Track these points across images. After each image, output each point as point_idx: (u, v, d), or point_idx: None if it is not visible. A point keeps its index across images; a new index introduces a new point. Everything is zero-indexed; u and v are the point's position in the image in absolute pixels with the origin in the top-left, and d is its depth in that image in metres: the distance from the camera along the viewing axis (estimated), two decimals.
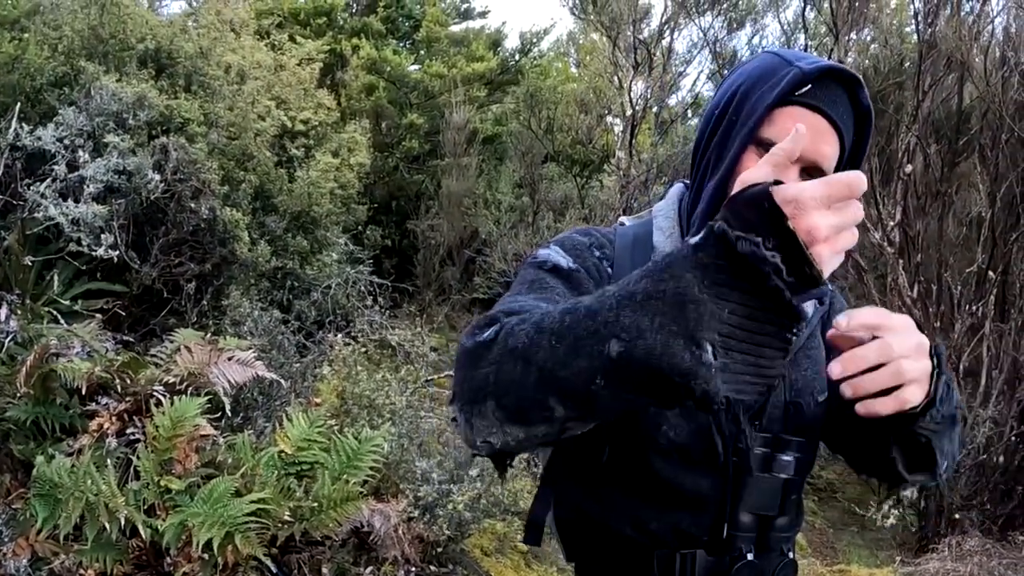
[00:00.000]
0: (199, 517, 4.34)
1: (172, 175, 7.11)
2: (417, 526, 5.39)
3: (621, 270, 1.73)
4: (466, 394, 1.37)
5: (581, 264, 1.71)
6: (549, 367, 1.25)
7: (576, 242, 1.78)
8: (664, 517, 1.71)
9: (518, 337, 1.31)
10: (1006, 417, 6.72)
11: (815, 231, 1.10)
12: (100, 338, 5.89)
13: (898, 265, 6.91)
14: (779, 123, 1.65)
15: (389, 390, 6.26)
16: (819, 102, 1.66)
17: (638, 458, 1.70)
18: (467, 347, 1.38)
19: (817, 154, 1.64)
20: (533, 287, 1.64)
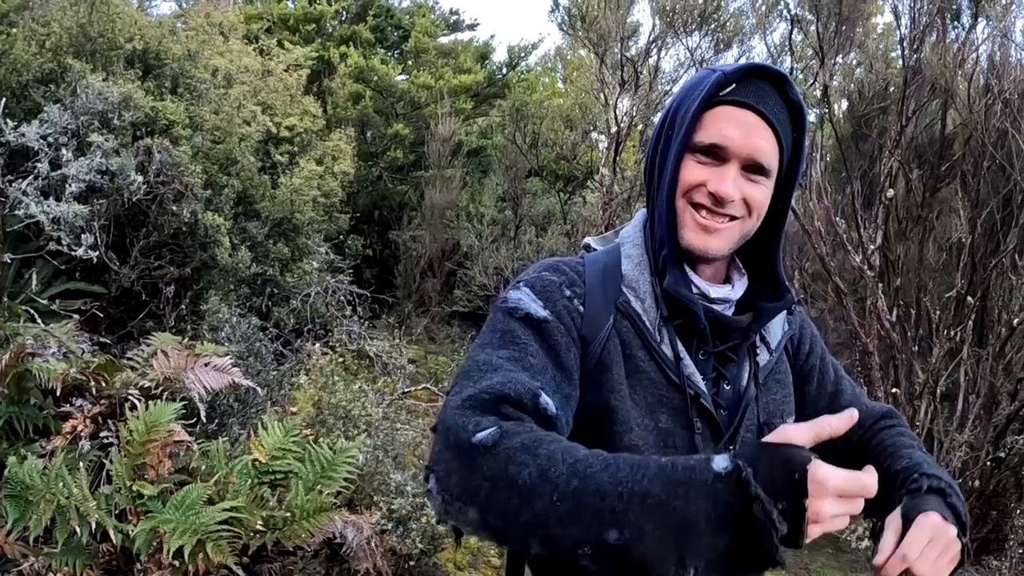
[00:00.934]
0: (171, 524, 4.30)
1: (155, 177, 7.06)
2: (390, 539, 5.35)
3: (593, 304, 1.76)
4: (452, 488, 1.40)
5: (552, 309, 1.70)
6: (544, 518, 1.31)
7: (546, 283, 1.76)
8: None
9: (519, 468, 1.33)
10: (982, 442, 6.74)
11: (822, 515, 1.21)
12: (77, 339, 5.84)
13: (878, 288, 6.94)
14: (708, 125, 1.72)
15: (365, 401, 6.25)
16: (744, 98, 1.72)
17: None
18: (460, 442, 1.40)
19: (752, 148, 1.71)
20: (505, 341, 1.64)
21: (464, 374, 1.58)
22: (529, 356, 1.61)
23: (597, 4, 10.90)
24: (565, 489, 1.29)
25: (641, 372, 1.74)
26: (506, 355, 1.60)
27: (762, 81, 1.74)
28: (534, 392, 1.51)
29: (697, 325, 1.77)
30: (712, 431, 1.76)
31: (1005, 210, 6.92)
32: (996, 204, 6.92)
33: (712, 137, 1.72)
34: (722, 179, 1.72)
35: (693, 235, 1.76)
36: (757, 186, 1.75)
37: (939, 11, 6.90)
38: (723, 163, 1.73)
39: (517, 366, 1.58)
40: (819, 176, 7.32)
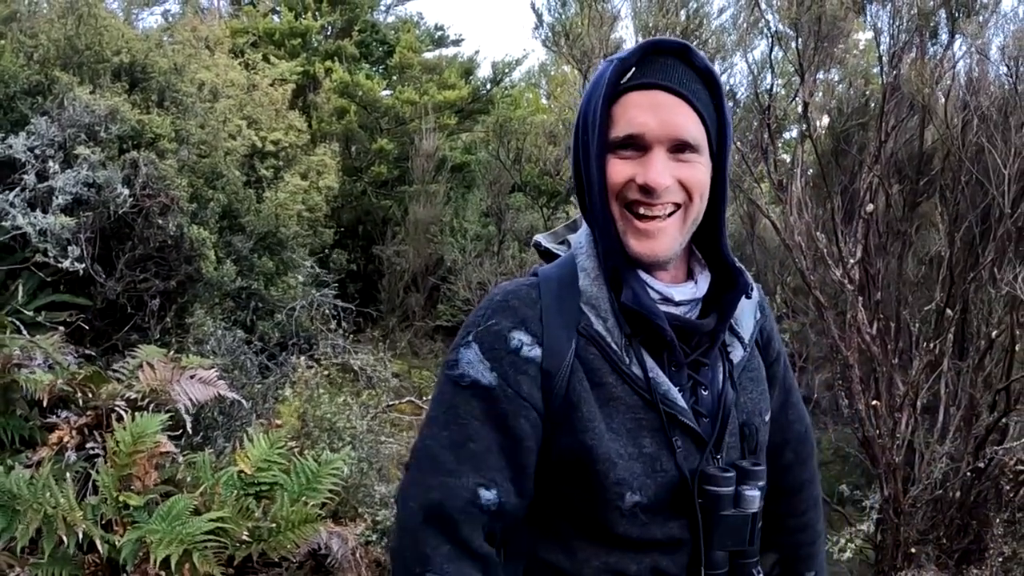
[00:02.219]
0: (157, 534, 4.32)
1: (141, 190, 7.09)
2: (375, 550, 5.40)
3: (552, 333, 1.69)
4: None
5: (499, 371, 1.65)
6: None
7: (494, 334, 1.68)
8: (642, 561, 1.71)
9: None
10: (962, 453, 6.79)
11: None
12: (63, 351, 5.86)
13: (858, 302, 6.99)
14: (619, 118, 1.65)
15: (350, 414, 6.28)
16: (649, 78, 1.64)
17: (604, 524, 1.69)
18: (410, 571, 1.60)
19: (670, 128, 1.63)
20: (449, 419, 1.66)
21: (415, 461, 1.69)
22: (470, 441, 1.63)
23: (581, 21, 10.96)
24: None
25: (616, 399, 1.68)
26: (447, 441, 1.64)
27: (663, 57, 1.66)
28: (472, 496, 1.60)
29: (664, 337, 1.70)
30: (695, 443, 1.72)
31: (984, 224, 7.00)
32: (975, 218, 7.00)
33: (625, 129, 1.64)
34: (649, 168, 1.63)
35: (636, 243, 1.69)
36: (690, 165, 1.66)
37: (917, 29, 6.98)
38: (646, 152, 1.64)
39: (458, 458, 1.62)
40: (800, 191, 7.37)
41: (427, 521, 1.59)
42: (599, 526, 1.69)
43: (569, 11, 11.43)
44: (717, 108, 1.71)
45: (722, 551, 1.72)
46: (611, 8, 10.96)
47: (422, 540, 1.59)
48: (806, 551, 2.09)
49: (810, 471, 2.13)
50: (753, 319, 1.91)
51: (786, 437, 2.06)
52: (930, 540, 6.97)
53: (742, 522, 1.71)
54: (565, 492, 1.71)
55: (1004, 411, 6.55)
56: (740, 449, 1.79)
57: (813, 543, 2.11)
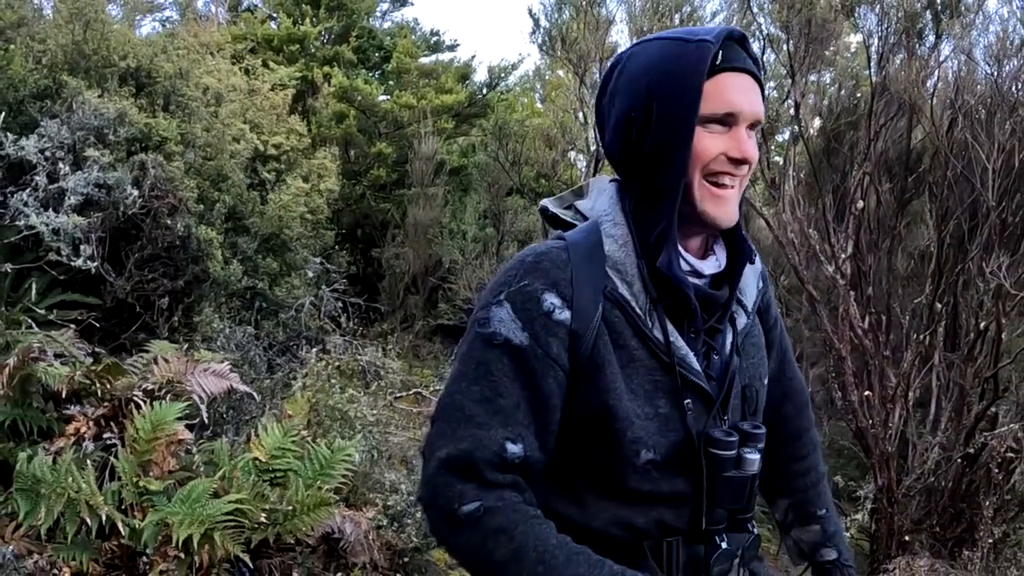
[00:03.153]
0: (178, 515, 4.44)
1: (149, 191, 7.22)
2: (386, 534, 5.52)
3: (582, 296, 1.74)
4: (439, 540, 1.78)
5: (530, 331, 1.71)
6: None
7: (527, 295, 1.74)
8: (648, 514, 1.81)
9: (495, 547, 1.64)
10: (954, 443, 6.92)
11: None
12: (78, 346, 6.00)
13: (850, 297, 7.11)
14: (713, 95, 1.72)
15: (359, 405, 6.41)
16: (737, 63, 1.75)
17: (617, 478, 1.79)
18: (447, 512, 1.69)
19: (754, 109, 1.76)
20: (479, 375, 1.73)
21: (443, 414, 1.76)
22: (500, 397, 1.71)
23: (576, 26, 11.10)
24: (532, 572, 1.60)
25: (636, 360, 1.77)
26: (478, 395, 1.71)
27: (735, 44, 1.77)
28: (500, 449, 1.68)
29: (688, 305, 1.79)
30: (704, 405, 1.81)
31: (972, 220, 7.13)
32: (962, 214, 7.13)
33: (723, 107, 1.73)
34: (740, 142, 1.75)
35: (715, 209, 1.78)
36: (753, 142, 1.79)
37: (905, 31, 7.12)
38: (731, 128, 1.75)
39: (488, 411, 1.70)
40: (792, 190, 7.50)
41: (454, 469, 1.68)
42: (612, 481, 1.78)
43: (565, 16, 11.56)
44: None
45: (722, 508, 1.85)
46: (606, 13, 11.11)
47: (451, 484, 1.68)
48: (813, 491, 2.25)
49: (807, 419, 2.31)
50: (756, 288, 2.03)
51: (785, 391, 2.24)
52: (924, 528, 7.09)
53: (742, 483, 1.83)
54: (582, 448, 1.79)
55: (992, 399, 6.69)
56: (741, 410, 1.91)
57: (819, 482, 2.27)
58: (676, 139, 1.73)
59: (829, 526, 2.22)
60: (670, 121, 1.73)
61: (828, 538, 2.20)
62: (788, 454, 2.25)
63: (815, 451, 2.30)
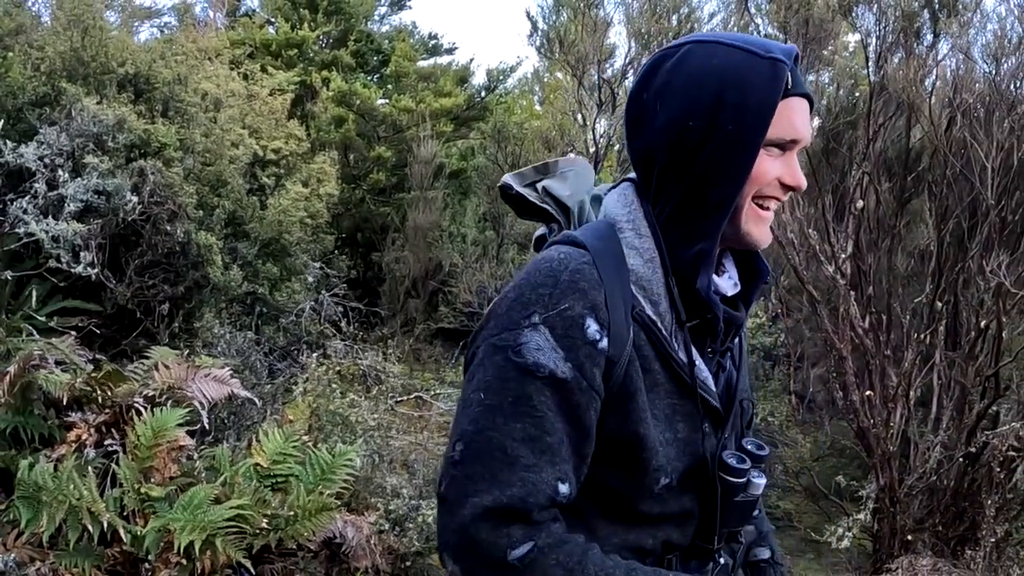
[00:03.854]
0: (180, 522, 4.45)
1: (149, 198, 7.23)
2: (388, 538, 5.53)
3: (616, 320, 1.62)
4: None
5: (574, 362, 1.57)
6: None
7: (568, 320, 1.58)
8: (657, 535, 1.77)
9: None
10: (955, 441, 6.90)
11: None
12: (77, 352, 6.00)
13: (850, 297, 7.10)
14: (782, 119, 1.64)
15: (360, 410, 6.41)
16: (802, 89, 1.67)
17: (631, 504, 1.73)
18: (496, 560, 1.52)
19: (808, 134, 1.69)
20: (519, 411, 1.56)
21: (476, 454, 1.56)
22: (546, 435, 1.56)
23: (574, 28, 11.11)
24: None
25: (658, 384, 1.69)
26: (521, 434, 1.55)
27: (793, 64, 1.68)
28: (553, 491, 1.54)
29: (714, 326, 1.74)
30: (714, 424, 1.78)
31: (971, 219, 7.12)
32: (962, 213, 7.13)
33: (790, 133, 1.66)
34: (793, 170, 1.69)
35: (758, 231, 1.73)
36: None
37: (903, 30, 7.12)
38: (786, 152, 1.69)
39: (534, 452, 1.55)
40: None
41: (501, 516, 1.52)
42: (625, 506, 1.72)
43: (563, 18, 11.57)
44: None
45: (727, 529, 1.85)
46: (604, 15, 11.11)
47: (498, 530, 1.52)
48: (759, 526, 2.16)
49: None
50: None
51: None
52: (926, 527, 7.07)
53: (749, 505, 1.82)
54: (601, 475, 1.68)
55: (994, 398, 6.68)
56: (739, 426, 1.88)
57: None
58: (740, 158, 1.64)
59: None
60: (739, 138, 1.63)
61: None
62: None
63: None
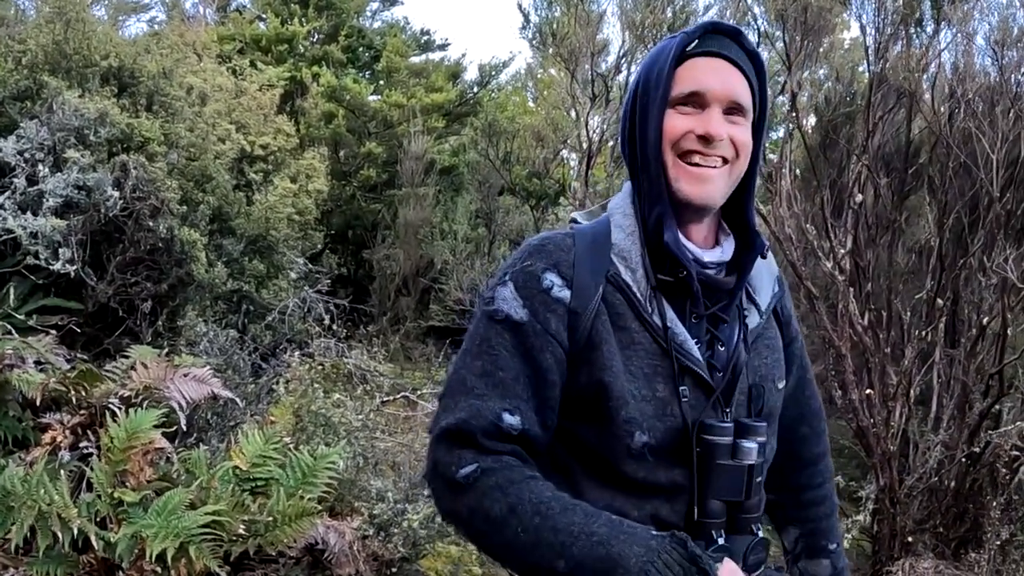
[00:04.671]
0: (153, 528, 4.30)
1: (131, 193, 7.08)
2: (372, 544, 5.37)
3: (582, 277, 1.81)
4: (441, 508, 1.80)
5: (530, 308, 1.79)
6: (511, 546, 1.66)
7: (528, 275, 1.82)
8: (643, 507, 1.79)
9: (493, 507, 1.67)
10: (957, 441, 6.80)
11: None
12: (56, 352, 5.85)
13: (849, 293, 7.00)
14: (684, 78, 1.81)
15: (344, 410, 6.26)
16: (710, 47, 1.82)
17: (612, 463, 1.79)
18: (446, 476, 1.72)
19: (728, 89, 1.81)
20: (481, 350, 1.80)
21: (448, 390, 1.82)
22: (500, 370, 1.77)
23: (567, 21, 11.00)
24: (528, 524, 1.63)
25: (636, 343, 1.80)
26: (479, 370, 1.78)
27: (720, 35, 1.85)
28: (496, 418, 1.73)
29: (689, 288, 1.82)
30: (705, 394, 1.83)
31: (972, 214, 7.02)
32: (963, 208, 7.02)
33: (690, 86, 1.80)
34: (708, 121, 1.79)
35: (688, 187, 1.82)
36: (739, 126, 1.83)
37: (903, 20, 7.00)
38: (704, 109, 1.81)
39: (487, 384, 1.76)
40: (789, 185, 7.38)
41: (452, 438, 1.73)
42: (607, 466, 1.79)
43: (555, 11, 11.47)
44: (760, 87, 1.89)
45: (717, 500, 1.79)
46: (597, 7, 11.00)
47: (450, 451, 1.73)
48: (826, 523, 2.23)
49: (824, 445, 2.27)
50: (771, 290, 2.04)
51: (803, 412, 2.21)
52: (927, 529, 6.98)
53: (738, 472, 1.78)
54: (578, 428, 1.82)
55: (997, 396, 6.57)
56: (747, 408, 1.90)
57: (831, 514, 2.25)
58: (649, 120, 1.84)
59: (839, 562, 2.22)
60: (644, 105, 1.86)
61: (837, 574, 2.21)
62: (802, 481, 2.24)
63: (830, 480, 2.27)
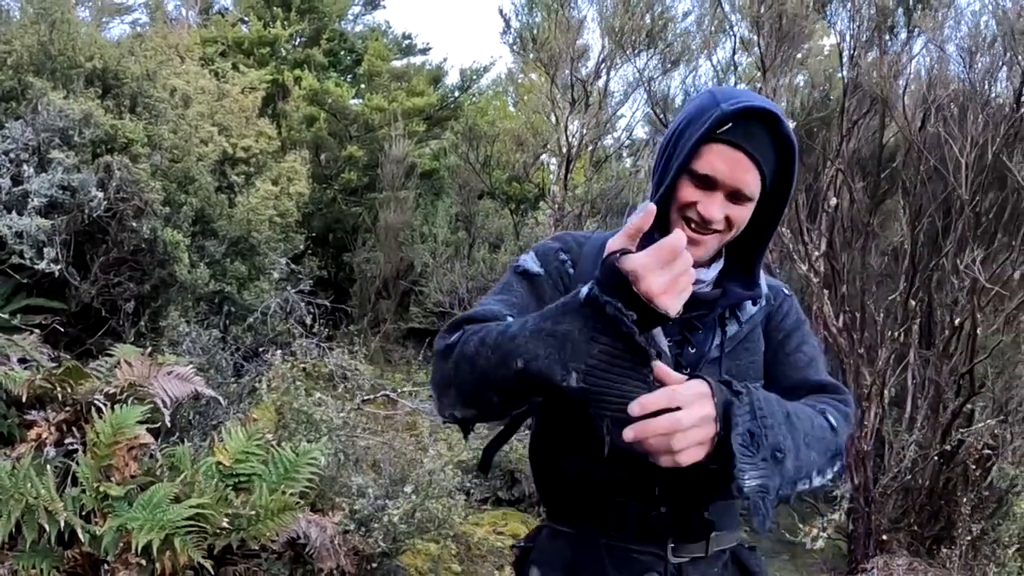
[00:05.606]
0: (138, 521, 4.34)
1: (115, 194, 7.11)
2: (353, 538, 5.42)
3: (583, 271, 2.12)
4: (436, 380, 1.93)
5: (545, 268, 2.14)
6: (485, 371, 1.77)
7: (548, 248, 2.20)
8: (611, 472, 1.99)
9: (469, 346, 1.82)
10: (930, 440, 6.91)
11: (652, 290, 1.56)
12: (40, 350, 5.88)
13: (824, 296, 7.10)
14: (705, 158, 1.97)
15: (326, 408, 6.31)
16: (737, 139, 1.95)
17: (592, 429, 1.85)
18: (439, 348, 1.91)
19: (737, 181, 1.97)
20: (502, 289, 2.12)
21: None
22: (513, 296, 2.07)
23: (548, 26, 11.07)
24: (494, 344, 1.76)
25: None
26: (497, 297, 2.08)
27: (754, 122, 1.96)
28: (497, 315, 1.95)
29: None
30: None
31: (945, 218, 7.13)
32: (936, 211, 7.13)
33: (706, 169, 1.96)
34: (710, 204, 1.98)
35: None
36: (739, 207, 2.01)
37: (877, 26, 7.11)
38: (712, 190, 1.98)
39: (500, 301, 2.05)
40: None
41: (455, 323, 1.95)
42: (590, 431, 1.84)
43: (536, 17, 11.53)
44: (787, 168, 2.04)
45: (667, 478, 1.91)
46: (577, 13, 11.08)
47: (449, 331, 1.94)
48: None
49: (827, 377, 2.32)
50: (757, 307, 2.24)
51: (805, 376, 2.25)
52: (901, 527, 7.07)
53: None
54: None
55: (968, 396, 6.67)
56: None
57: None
58: (666, 177, 2.03)
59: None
60: (670, 161, 2.05)
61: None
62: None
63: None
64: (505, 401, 1.80)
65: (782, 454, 1.77)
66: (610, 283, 1.60)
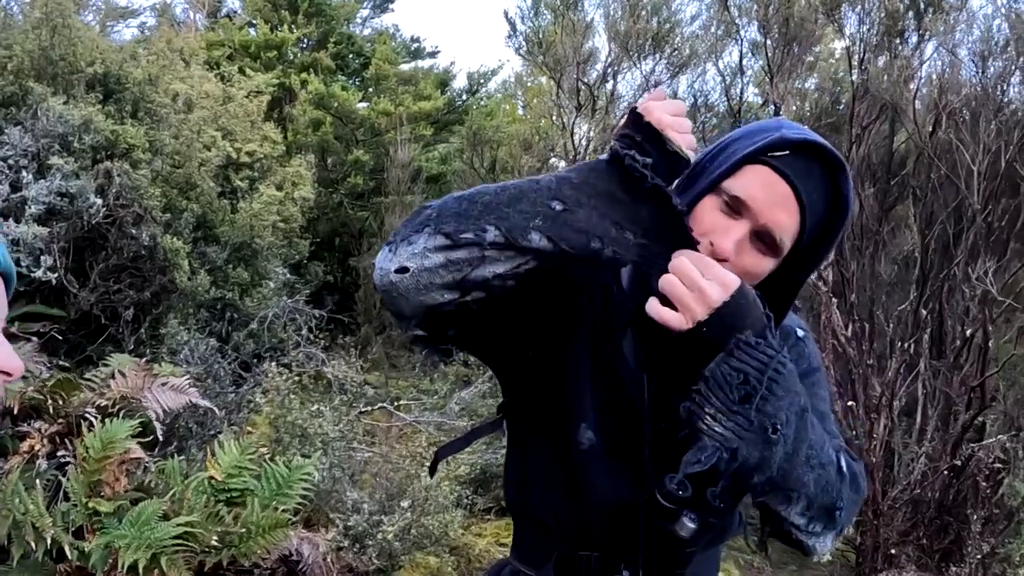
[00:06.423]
0: (125, 539, 4.29)
1: (114, 200, 7.05)
2: (347, 556, 5.35)
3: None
4: (401, 232, 1.59)
5: None
6: (494, 203, 1.54)
7: None
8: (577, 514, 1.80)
9: (460, 192, 1.60)
10: (940, 453, 6.82)
11: (661, 120, 1.58)
12: (35, 360, 5.82)
13: (832, 304, 7.01)
14: (743, 178, 1.67)
15: (322, 420, 6.23)
16: (788, 169, 1.65)
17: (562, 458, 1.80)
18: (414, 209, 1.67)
19: (771, 218, 1.66)
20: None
21: None
22: None
23: (554, 30, 11.01)
24: (501, 188, 1.58)
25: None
26: None
27: (814, 160, 1.68)
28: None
29: None
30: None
31: (957, 225, 7.04)
32: (947, 218, 7.04)
33: (739, 190, 1.67)
34: (726, 233, 1.67)
35: None
36: (761, 259, 1.71)
37: (887, 31, 7.02)
38: (737, 217, 1.68)
39: None
40: None
41: None
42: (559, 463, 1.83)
43: (543, 20, 11.47)
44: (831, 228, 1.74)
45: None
46: (583, 17, 11.01)
47: None
48: None
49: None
50: None
51: None
52: (910, 541, 6.98)
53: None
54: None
55: (980, 408, 6.57)
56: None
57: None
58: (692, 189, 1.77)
59: None
60: (701, 173, 1.77)
61: None
62: None
63: None
64: (502, 237, 1.50)
65: (776, 435, 1.50)
66: (628, 125, 1.62)
